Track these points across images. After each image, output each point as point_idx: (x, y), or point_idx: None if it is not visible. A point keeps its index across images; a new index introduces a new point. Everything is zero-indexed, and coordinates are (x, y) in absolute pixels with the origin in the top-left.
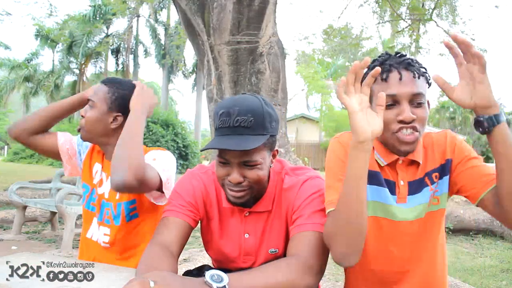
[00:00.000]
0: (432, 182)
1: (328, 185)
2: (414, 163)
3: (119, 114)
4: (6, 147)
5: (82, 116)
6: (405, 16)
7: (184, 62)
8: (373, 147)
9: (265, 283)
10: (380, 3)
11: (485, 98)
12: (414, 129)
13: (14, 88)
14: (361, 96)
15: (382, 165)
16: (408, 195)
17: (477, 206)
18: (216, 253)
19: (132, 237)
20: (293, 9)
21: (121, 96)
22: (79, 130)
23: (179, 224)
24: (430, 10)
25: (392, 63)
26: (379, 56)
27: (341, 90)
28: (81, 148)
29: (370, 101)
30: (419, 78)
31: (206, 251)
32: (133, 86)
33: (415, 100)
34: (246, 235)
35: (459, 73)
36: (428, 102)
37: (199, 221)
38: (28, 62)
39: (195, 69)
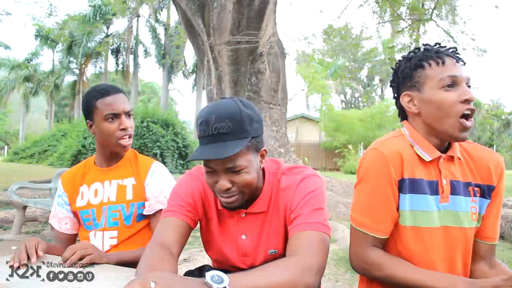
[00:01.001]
0: (474, 195)
1: (363, 206)
2: (452, 160)
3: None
4: (6, 147)
5: (128, 126)
6: (405, 16)
7: (184, 62)
8: (412, 144)
9: (264, 283)
10: (380, 3)
11: None
12: (473, 112)
13: (14, 88)
14: None
15: (427, 160)
16: (451, 194)
17: (474, 240)
18: (215, 254)
19: (137, 238)
20: (293, 9)
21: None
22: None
23: (178, 225)
24: (430, 10)
25: (442, 50)
26: (416, 49)
27: None
28: (64, 199)
29: (420, 89)
30: (464, 64)
31: (206, 252)
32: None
33: (468, 84)
34: (243, 236)
35: None
36: None
37: (199, 222)
38: (28, 62)
39: (195, 69)
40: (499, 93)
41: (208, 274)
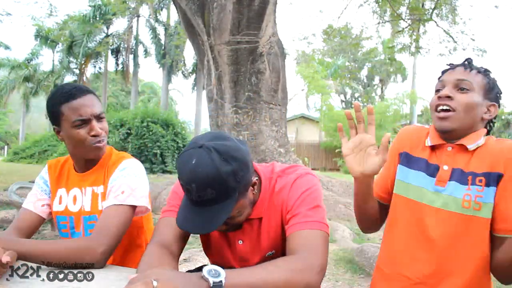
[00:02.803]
0: (473, 184)
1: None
2: (464, 150)
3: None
4: (6, 147)
5: (100, 132)
6: (405, 16)
7: (184, 62)
8: (429, 131)
9: (262, 280)
10: (380, 3)
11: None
12: (449, 107)
13: (14, 88)
14: (361, 137)
15: (427, 144)
16: (450, 180)
17: (492, 236)
18: (213, 256)
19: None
20: (293, 9)
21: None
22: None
23: None
24: (430, 10)
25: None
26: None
27: (341, 134)
28: (45, 188)
29: None
30: (470, 71)
31: (205, 253)
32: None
33: (460, 85)
34: (240, 242)
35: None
36: (492, 105)
37: None
38: (28, 62)
39: (195, 69)
40: None
41: (206, 269)
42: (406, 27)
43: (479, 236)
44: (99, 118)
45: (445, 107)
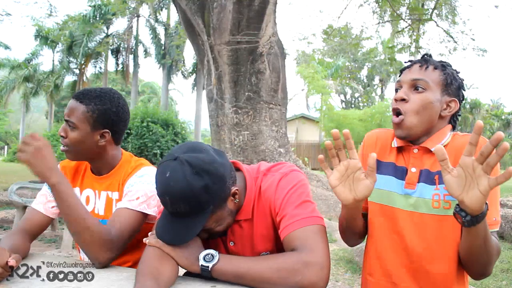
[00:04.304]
0: (441, 183)
1: None
2: (427, 152)
3: (106, 130)
4: (6, 147)
5: (62, 136)
6: (405, 16)
7: (184, 62)
8: (394, 133)
9: (253, 270)
10: (380, 3)
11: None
12: (400, 111)
13: (14, 88)
14: (346, 164)
15: (393, 146)
16: (419, 182)
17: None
18: None
19: (129, 250)
20: (293, 9)
21: (102, 112)
22: (64, 151)
23: None
24: (430, 10)
25: (416, 59)
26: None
27: (324, 165)
28: None
29: None
30: (426, 68)
31: None
32: (113, 96)
33: (415, 85)
34: (231, 243)
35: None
36: (452, 100)
37: None
38: (28, 62)
39: (195, 69)
40: (499, 93)
41: (204, 252)
42: (406, 27)
43: (454, 235)
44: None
45: (396, 112)
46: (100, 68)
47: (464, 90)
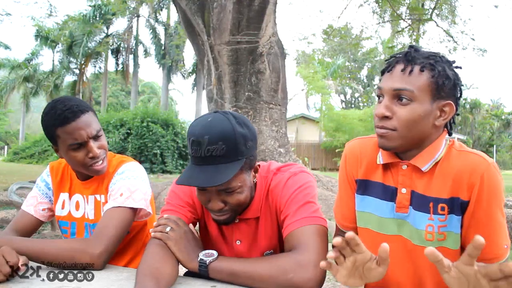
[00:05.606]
0: (435, 213)
1: (336, 199)
2: (418, 170)
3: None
4: (6, 147)
5: (97, 153)
6: (405, 16)
7: (183, 63)
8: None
9: (249, 271)
10: (380, 3)
11: None
12: (383, 127)
13: (14, 88)
14: (353, 260)
15: (378, 163)
16: (411, 205)
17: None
18: None
19: (125, 250)
20: (293, 9)
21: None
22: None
23: None
24: (430, 10)
25: (399, 55)
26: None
27: (328, 266)
28: (47, 191)
29: None
30: (411, 72)
31: None
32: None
33: (399, 95)
34: (238, 242)
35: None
36: (447, 104)
37: (198, 222)
38: (28, 62)
39: (195, 69)
40: (499, 93)
41: (204, 251)
42: (406, 27)
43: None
44: (96, 137)
45: (379, 130)
46: (100, 68)
47: (461, 86)
